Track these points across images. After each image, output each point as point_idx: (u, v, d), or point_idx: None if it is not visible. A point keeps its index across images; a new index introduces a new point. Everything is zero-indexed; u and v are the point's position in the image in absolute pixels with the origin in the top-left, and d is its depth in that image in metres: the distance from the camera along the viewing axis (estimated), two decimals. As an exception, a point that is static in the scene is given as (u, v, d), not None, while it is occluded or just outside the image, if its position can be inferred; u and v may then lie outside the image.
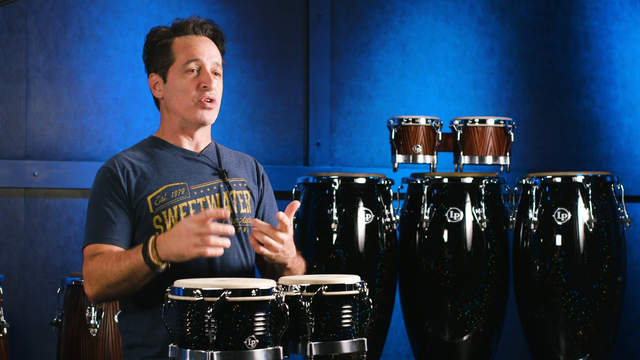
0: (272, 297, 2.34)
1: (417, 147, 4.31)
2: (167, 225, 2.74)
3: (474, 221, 4.17)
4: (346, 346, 2.45)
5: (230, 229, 2.57)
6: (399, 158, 4.32)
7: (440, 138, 4.33)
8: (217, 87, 2.84)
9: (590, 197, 4.10)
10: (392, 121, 4.32)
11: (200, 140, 2.90)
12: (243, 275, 2.82)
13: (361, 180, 4.19)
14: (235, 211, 2.83)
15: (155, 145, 2.88)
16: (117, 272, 2.61)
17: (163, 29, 2.89)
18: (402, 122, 4.30)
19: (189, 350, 2.31)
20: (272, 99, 4.85)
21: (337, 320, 2.45)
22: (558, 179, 4.16)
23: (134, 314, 2.77)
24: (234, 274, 2.78)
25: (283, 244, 2.63)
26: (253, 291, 2.31)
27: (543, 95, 5.25)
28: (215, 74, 2.85)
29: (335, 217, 4.11)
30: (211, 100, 2.82)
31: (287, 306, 2.36)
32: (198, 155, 2.87)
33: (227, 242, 2.54)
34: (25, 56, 4.45)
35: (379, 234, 4.18)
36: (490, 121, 4.33)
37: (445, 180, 4.22)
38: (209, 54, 2.85)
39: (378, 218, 4.18)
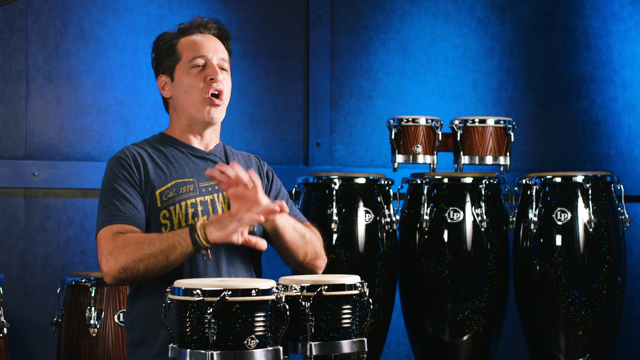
0: (272, 297, 2.34)
1: (417, 147, 4.31)
2: (174, 220, 2.74)
3: (474, 221, 4.17)
4: (346, 346, 2.45)
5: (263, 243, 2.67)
6: (399, 158, 4.32)
7: (440, 138, 4.32)
8: (224, 81, 2.84)
9: (590, 197, 4.10)
10: (392, 121, 4.32)
11: (210, 140, 2.91)
12: (248, 276, 2.82)
13: (361, 180, 4.18)
14: None
15: (165, 141, 2.88)
16: (157, 244, 2.60)
17: (169, 33, 2.91)
18: (402, 122, 4.30)
19: (189, 350, 2.31)
20: (272, 99, 4.85)
21: (337, 320, 2.45)
22: (558, 179, 4.16)
23: (140, 310, 2.77)
24: (239, 275, 2.78)
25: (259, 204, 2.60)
26: (253, 291, 2.31)
27: (543, 95, 5.25)
28: (222, 69, 2.86)
29: (335, 217, 4.11)
30: (219, 94, 2.82)
31: (287, 306, 2.36)
32: (207, 153, 2.89)
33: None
34: (25, 56, 4.45)
35: (379, 234, 4.18)
36: (490, 121, 4.32)
37: (445, 180, 4.21)
38: (215, 49, 2.86)
39: (378, 218, 4.18)
